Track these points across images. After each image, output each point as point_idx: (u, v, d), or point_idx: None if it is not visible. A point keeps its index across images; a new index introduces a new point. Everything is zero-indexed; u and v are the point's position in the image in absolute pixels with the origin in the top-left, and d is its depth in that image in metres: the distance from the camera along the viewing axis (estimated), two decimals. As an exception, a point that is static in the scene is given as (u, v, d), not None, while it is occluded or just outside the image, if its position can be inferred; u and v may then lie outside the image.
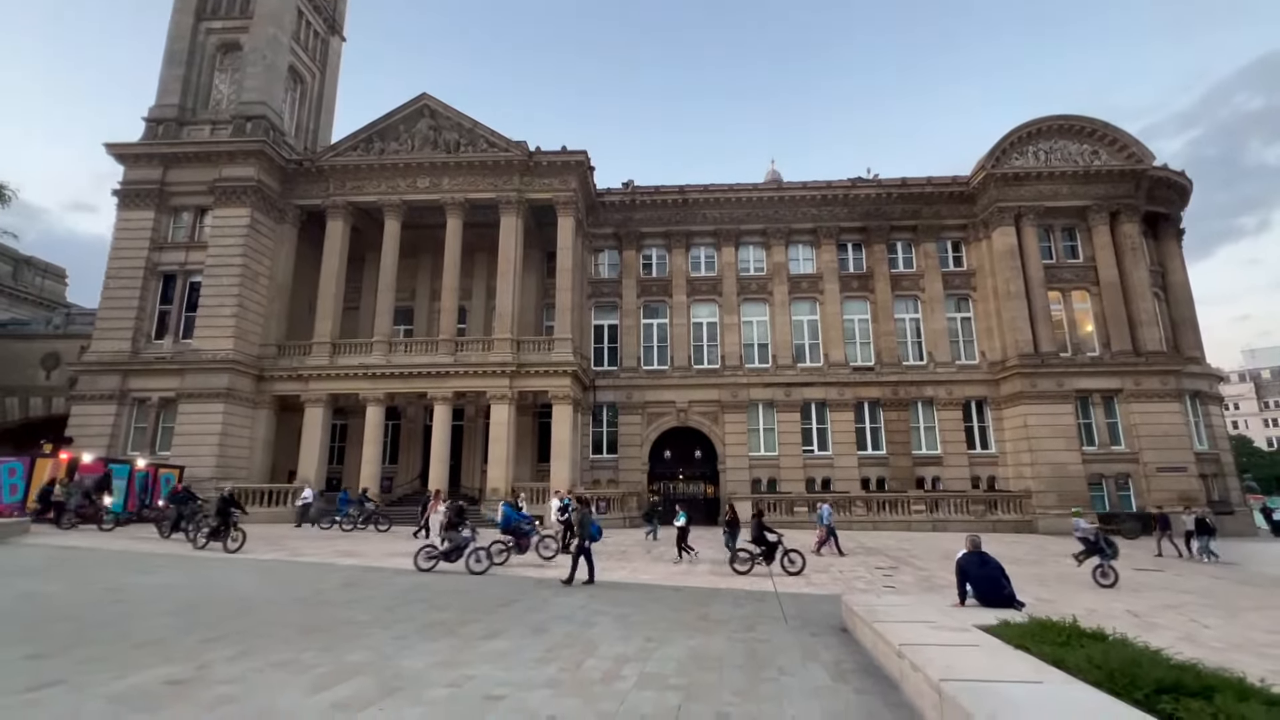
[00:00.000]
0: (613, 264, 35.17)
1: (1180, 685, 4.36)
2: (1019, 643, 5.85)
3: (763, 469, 31.44)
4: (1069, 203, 31.43)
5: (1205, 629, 9.15)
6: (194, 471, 26.09)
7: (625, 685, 5.86)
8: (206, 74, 32.21)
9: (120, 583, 11.09)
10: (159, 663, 6.26)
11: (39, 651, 6.55)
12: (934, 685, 4.79)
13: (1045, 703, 4.16)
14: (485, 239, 31.86)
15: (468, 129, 31.08)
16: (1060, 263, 31.66)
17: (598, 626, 8.37)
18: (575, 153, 30.69)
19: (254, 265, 29.70)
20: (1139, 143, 31.24)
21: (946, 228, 33.83)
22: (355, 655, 6.70)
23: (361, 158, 30.97)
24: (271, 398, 29.57)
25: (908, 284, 33.50)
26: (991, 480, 30.71)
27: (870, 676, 6.27)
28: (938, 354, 32.29)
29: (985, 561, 9.42)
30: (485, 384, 28.38)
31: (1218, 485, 30.18)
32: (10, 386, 33.34)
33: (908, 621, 6.98)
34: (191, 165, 30.10)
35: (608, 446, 32.42)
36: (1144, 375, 29.20)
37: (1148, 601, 11.48)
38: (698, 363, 33.27)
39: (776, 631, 8.30)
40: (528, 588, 11.54)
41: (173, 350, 28.44)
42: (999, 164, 31.62)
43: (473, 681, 5.89)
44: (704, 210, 34.41)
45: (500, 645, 7.28)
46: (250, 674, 5.97)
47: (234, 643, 7.09)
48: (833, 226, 33.91)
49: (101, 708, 4.99)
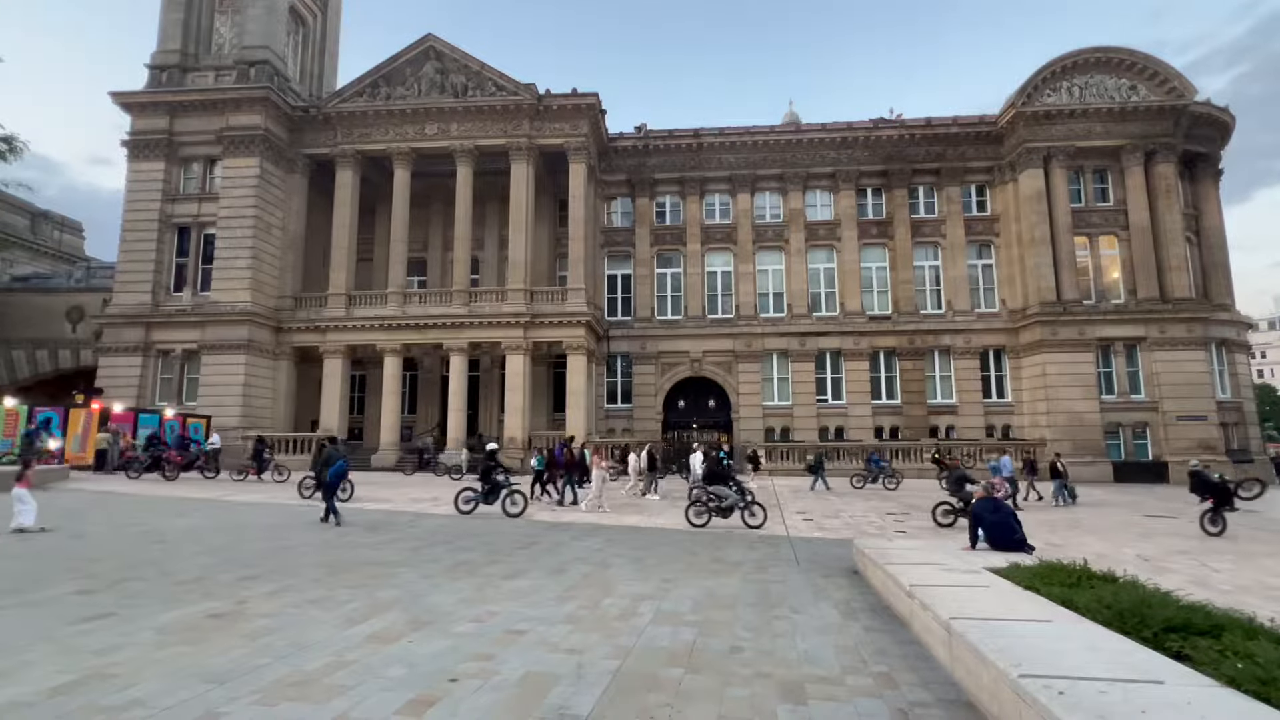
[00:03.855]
0: (626, 212, 34.57)
1: (1189, 625, 4.43)
2: (1029, 584, 5.96)
3: (776, 418, 31.64)
4: (1102, 142, 30.02)
5: (1215, 573, 9.25)
6: (221, 421, 26.87)
7: (642, 621, 6.09)
8: (207, 17, 31.31)
9: (160, 525, 11.63)
10: (200, 598, 6.62)
11: (87, 588, 6.95)
12: (943, 624, 4.91)
13: (1054, 640, 4.26)
14: (496, 187, 31.35)
15: (475, 71, 30.11)
16: (1089, 206, 30.54)
17: (614, 568, 8.66)
18: (586, 95, 29.72)
19: (266, 217, 29.63)
20: (1181, 76, 29.49)
21: (971, 170, 32.61)
22: (385, 593, 7.03)
23: (368, 104, 30.27)
24: (291, 349, 30.05)
25: (928, 230, 32.62)
26: (1006, 429, 30.67)
27: (880, 616, 6.45)
28: (957, 302, 31.73)
29: (998, 507, 9.51)
30: (500, 334, 28.53)
31: (1238, 434, 29.90)
32: (39, 340, 34.15)
33: (918, 564, 7.12)
34: (197, 114, 29.68)
35: (622, 396, 32.73)
36: (1170, 323, 28.54)
37: (1157, 546, 11.59)
38: (712, 312, 33.06)
39: (789, 573, 8.53)
40: (543, 531, 11.92)
41: (192, 303, 28.83)
42: (1030, 101, 30.12)
43: (496, 617, 6.16)
44: (719, 155, 33.42)
45: (522, 584, 7.57)
46: (287, 609, 6.29)
47: (270, 580, 7.46)
48: (852, 171, 32.84)
49: (151, 637, 5.31)
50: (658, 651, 5.22)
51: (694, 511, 12.77)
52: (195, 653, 4.96)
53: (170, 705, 4.00)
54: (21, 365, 34.07)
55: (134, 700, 4.06)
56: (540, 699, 4.21)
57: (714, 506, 12.62)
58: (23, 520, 10.22)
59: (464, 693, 4.30)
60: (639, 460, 19.36)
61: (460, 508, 13.64)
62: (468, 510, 13.60)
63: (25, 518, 10.23)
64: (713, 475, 13.38)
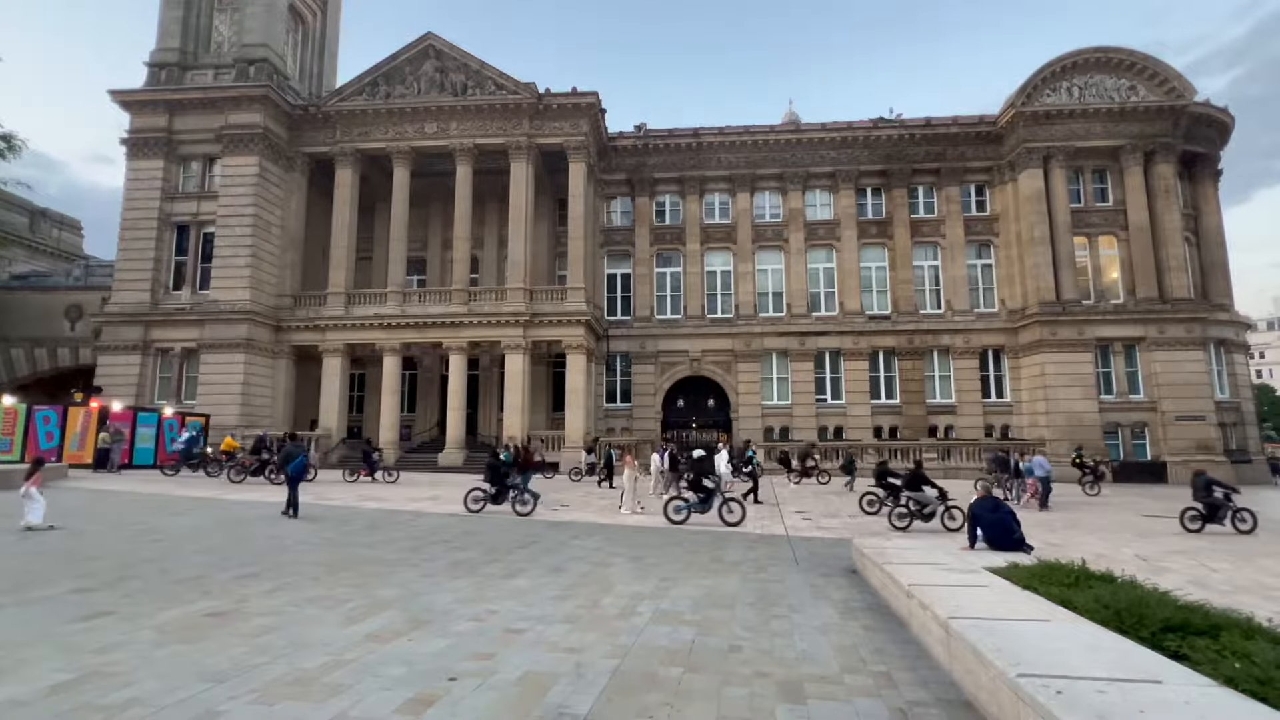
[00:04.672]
0: (625, 211, 34.56)
1: (1187, 624, 4.44)
2: (1027, 584, 5.96)
3: (775, 418, 31.65)
4: (1101, 142, 30.04)
5: (1214, 573, 9.26)
6: (220, 420, 26.85)
7: (641, 620, 6.10)
8: (206, 15, 31.27)
9: (158, 524, 11.62)
10: (199, 596, 6.62)
11: (86, 586, 6.94)
12: (942, 623, 4.92)
13: (1052, 639, 4.26)
14: (496, 186, 31.34)
15: (475, 70, 30.09)
16: (1088, 206, 30.56)
17: (613, 567, 8.66)
18: (586, 94, 29.70)
19: (265, 215, 29.60)
20: (1181, 76, 29.52)
21: (971, 170, 32.63)
22: (384, 591, 7.02)
23: (367, 103, 30.25)
24: (290, 348, 30.04)
25: (928, 230, 32.64)
26: (1005, 429, 30.69)
27: (878, 615, 6.45)
28: (956, 302, 31.75)
29: (997, 507, 9.52)
30: (499, 334, 28.52)
31: (1236, 434, 29.95)
32: (38, 338, 34.10)
33: (917, 563, 7.13)
34: (196, 112, 29.64)
35: (621, 395, 32.73)
36: (1169, 323, 28.57)
37: (1155, 546, 11.60)
38: (711, 312, 33.06)
39: (787, 573, 8.53)
40: (542, 530, 11.92)
41: (191, 301, 28.81)
42: (1030, 101, 30.13)
43: (495, 616, 6.16)
44: (718, 154, 33.41)
45: (520, 583, 7.57)
46: (287, 607, 6.29)
47: (269, 579, 7.45)
48: (852, 170, 32.84)
49: (151, 636, 5.31)
50: (657, 651, 5.22)
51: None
52: (194, 651, 4.96)
53: (169, 704, 4.00)
54: (20, 363, 34.02)
55: (132, 699, 4.05)
56: (539, 698, 4.21)
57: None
58: (31, 518, 10.30)
59: (463, 692, 4.30)
60: (661, 460, 19.41)
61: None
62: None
63: (34, 515, 10.32)
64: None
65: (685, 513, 12.70)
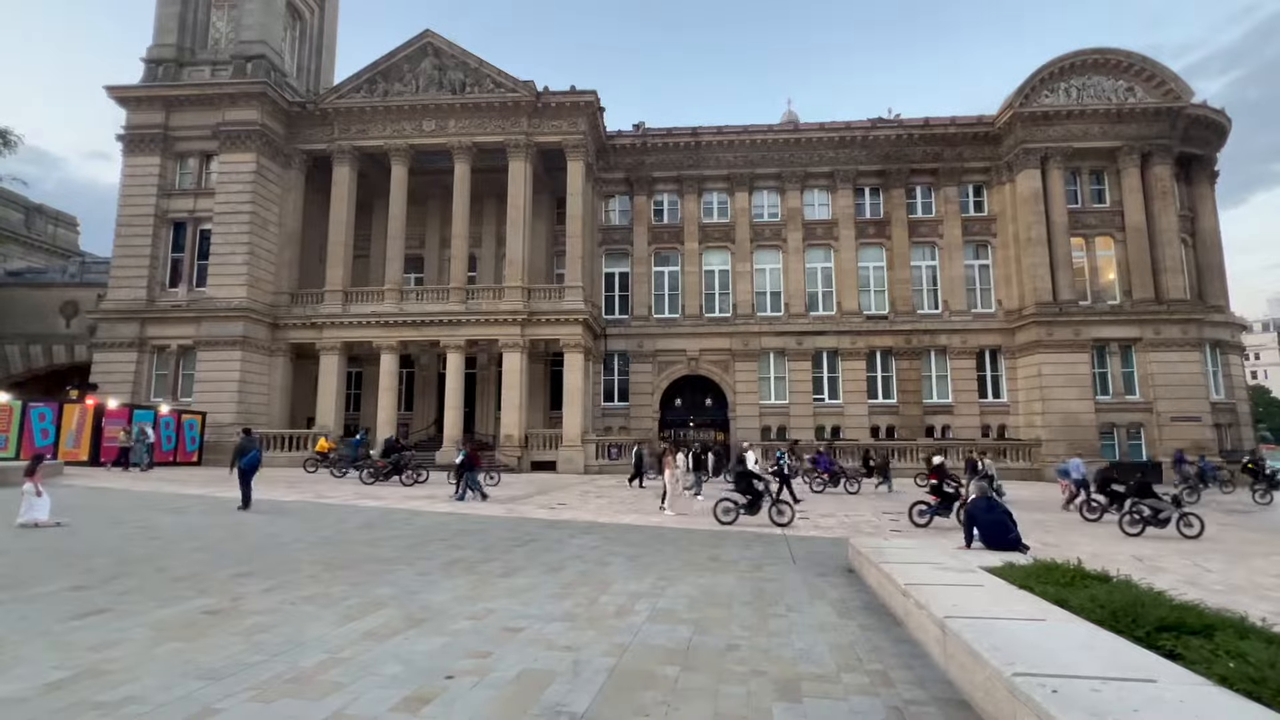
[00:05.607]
0: (623, 210, 34.53)
1: (1182, 624, 4.46)
2: (1023, 583, 5.98)
3: (773, 417, 31.69)
4: (1099, 143, 30.12)
5: (1208, 573, 9.30)
6: (216, 417, 26.78)
7: (638, 619, 6.10)
8: (203, 11, 31.13)
9: (155, 521, 11.58)
10: (195, 594, 6.61)
11: (82, 583, 6.92)
12: (938, 622, 4.94)
13: (1048, 638, 4.28)
14: (494, 185, 31.27)
15: (473, 68, 30.02)
16: (1085, 207, 30.64)
17: (611, 566, 8.67)
18: (584, 93, 29.67)
19: (263, 212, 29.51)
20: (1178, 78, 29.60)
21: (969, 171, 32.68)
22: (381, 590, 7.02)
23: (365, 100, 30.16)
24: (287, 345, 29.96)
25: (926, 230, 32.69)
26: (1002, 429, 30.78)
27: (875, 614, 6.47)
28: (953, 302, 31.82)
29: (992, 507, 9.55)
30: (497, 332, 28.49)
31: (1231, 435, 30.08)
32: (34, 334, 33.96)
33: (913, 563, 7.15)
34: (193, 108, 29.52)
35: (619, 394, 32.72)
36: (1165, 324, 28.67)
37: (1150, 546, 11.64)
38: (709, 311, 33.07)
39: (784, 571, 8.55)
40: (539, 529, 11.92)
41: (187, 298, 28.71)
42: (1027, 102, 30.19)
43: (493, 615, 6.16)
44: (717, 154, 33.41)
45: (518, 582, 7.57)
46: (283, 605, 6.28)
47: (265, 577, 7.44)
48: (850, 170, 32.87)
49: (146, 634, 5.30)
50: (654, 649, 5.23)
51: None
52: (190, 649, 4.95)
53: (165, 702, 3.99)
54: (15, 360, 33.89)
55: (128, 697, 4.05)
56: (536, 696, 4.21)
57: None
58: (37, 515, 10.36)
59: (460, 690, 4.30)
60: (686, 460, 19.18)
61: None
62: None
63: (40, 512, 10.38)
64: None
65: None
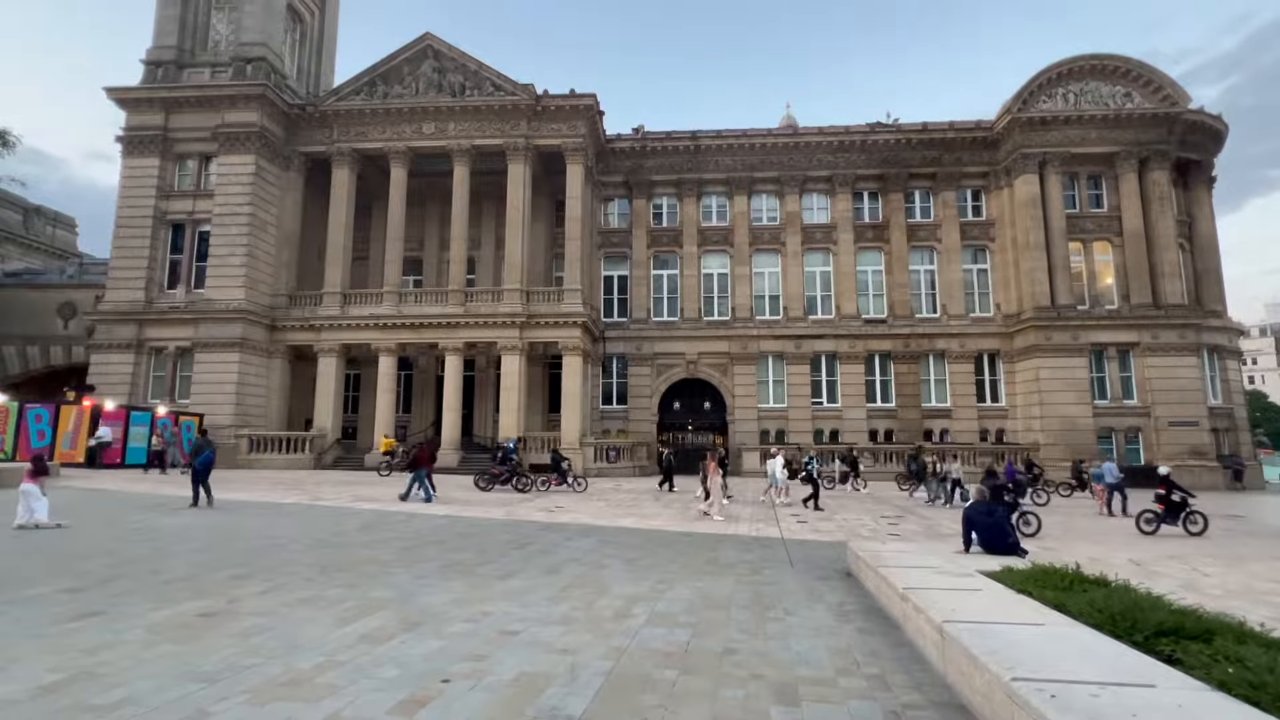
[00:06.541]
0: (623, 213, 34.57)
1: (1180, 629, 4.45)
2: (1021, 587, 5.97)
3: (771, 420, 31.69)
4: (1097, 149, 30.24)
5: (1206, 577, 9.30)
6: (213, 419, 26.71)
7: (636, 623, 6.08)
8: (204, 13, 31.17)
9: (151, 523, 11.54)
10: (191, 596, 6.57)
11: (76, 586, 6.88)
12: (936, 626, 4.92)
13: (1046, 643, 4.27)
14: (493, 187, 31.31)
15: (473, 71, 30.08)
16: (1083, 212, 30.74)
17: (609, 569, 8.64)
18: (584, 96, 29.73)
19: (261, 214, 29.50)
20: (1175, 84, 29.74)
21: (967, 176, 32.78)
22: (378, 592, 6.99)
23: (365, 102, 30.21)
24: (285, 347, 29.93)
25: (924, 234, 32.76)
26: (1000, 433, 30.80)
27: (873, 618, 6.45)
28: (952, 306, 31.87)
29: (991, 511, 9.54)
30: (495, 334, 28.47)
31: (1229, 440, 30.11)
32: (32, 335, 33.89)
33: (912, 567, 7.13)
34: (193, 110, 29.54)
35: (617, 397, 32.71)
36: (1162, 329, 28.74)
37: (1148, 550, 11.64)
38: (708, 314, 33.09)
39: (782, 575, 8.53)
40: (537, 532, 11.89)
41: (186, 300, 28.67)
42: (1026, 107, 30.31)
43: (490, 618, 6.14)
44: (716, 157, 33.48)
45: (515, 585, 7.55)
46: (280, 608, 6.25)
47: (262, 579, 7.41)
48: (849, 174, 32.94)
49: (141, 636, 5.27)
50: (651, 652, 5.21)
51: None
52: (185, 652, 4.92)
53: (160, 704, 3.96)
54: (13, 361, 33.80)
55: (123, 699, 4.02)
56: (533, 699, 4.19)
57: None
58: (39, 516, 10.37)
59: (457, 693, 4.28)
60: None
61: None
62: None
63: (40, 513, 10.40)
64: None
65: None
